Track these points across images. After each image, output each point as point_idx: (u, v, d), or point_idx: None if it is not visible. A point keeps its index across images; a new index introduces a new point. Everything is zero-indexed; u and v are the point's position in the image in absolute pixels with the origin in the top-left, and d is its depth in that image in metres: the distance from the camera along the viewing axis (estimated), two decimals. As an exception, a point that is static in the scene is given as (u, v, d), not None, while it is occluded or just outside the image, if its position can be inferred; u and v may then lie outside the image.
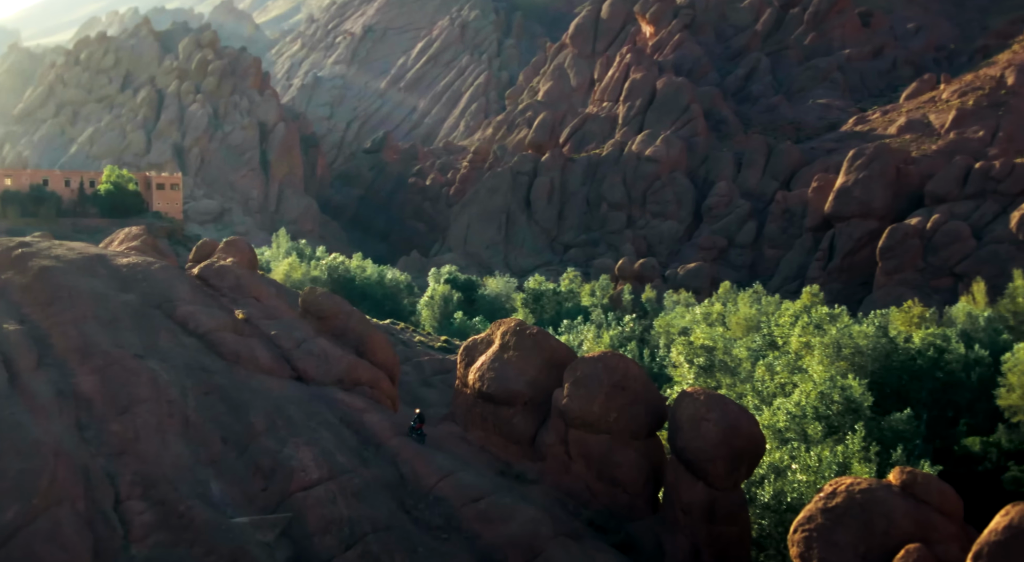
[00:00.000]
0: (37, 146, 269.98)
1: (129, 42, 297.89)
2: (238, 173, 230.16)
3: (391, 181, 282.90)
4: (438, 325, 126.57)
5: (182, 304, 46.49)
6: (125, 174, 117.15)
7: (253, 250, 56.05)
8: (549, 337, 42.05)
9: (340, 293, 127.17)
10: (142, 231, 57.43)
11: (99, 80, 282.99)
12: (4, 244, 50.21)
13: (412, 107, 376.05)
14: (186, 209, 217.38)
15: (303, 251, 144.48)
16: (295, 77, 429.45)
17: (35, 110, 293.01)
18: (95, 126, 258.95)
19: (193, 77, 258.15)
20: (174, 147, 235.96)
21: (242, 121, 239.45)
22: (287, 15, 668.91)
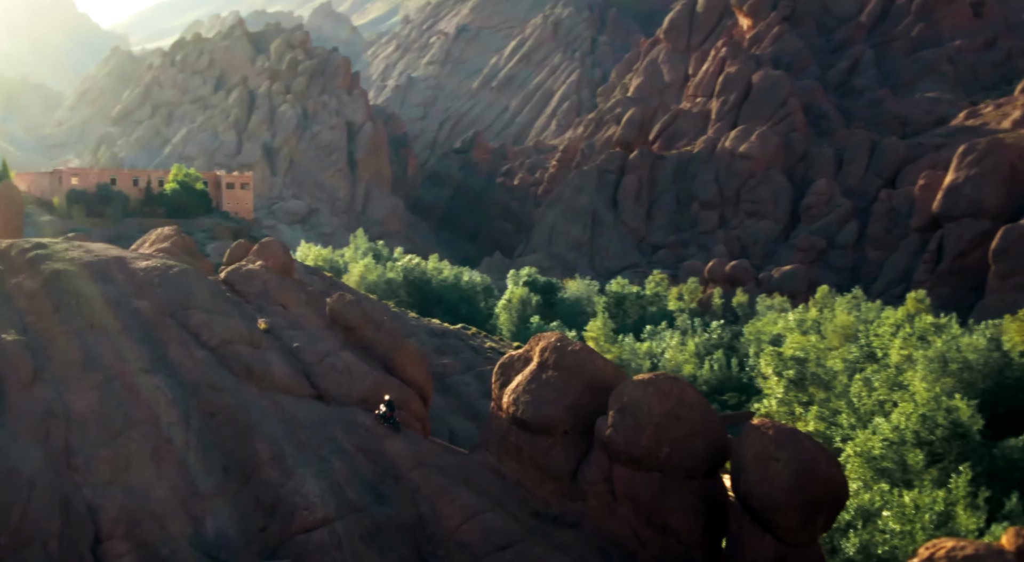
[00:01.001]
0: (133, 147, 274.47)
1: (223, 44, 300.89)
2: (326, 173, 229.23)
3: (480, 181, 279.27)
4: (515, 329, 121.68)
5: (197, 312, 42.36)
6: (192, 173, 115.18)
7: (288, 253, 51.76)
8: (594, 355, 36.46)
9: (416, 296, 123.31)
10: (174, 231, 53.69)
11: (193, 81, 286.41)
12: (20, 246, 46.88)
13: (504, 107, 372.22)
14: (274, 209, 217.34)
15: (380, 252, 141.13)
16: (389, 78, 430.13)
17: (132, 111, 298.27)
18: (189, 127, 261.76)
19: (284, 77, 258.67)
20: (264, 147, 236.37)
21: (330, 121, 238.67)
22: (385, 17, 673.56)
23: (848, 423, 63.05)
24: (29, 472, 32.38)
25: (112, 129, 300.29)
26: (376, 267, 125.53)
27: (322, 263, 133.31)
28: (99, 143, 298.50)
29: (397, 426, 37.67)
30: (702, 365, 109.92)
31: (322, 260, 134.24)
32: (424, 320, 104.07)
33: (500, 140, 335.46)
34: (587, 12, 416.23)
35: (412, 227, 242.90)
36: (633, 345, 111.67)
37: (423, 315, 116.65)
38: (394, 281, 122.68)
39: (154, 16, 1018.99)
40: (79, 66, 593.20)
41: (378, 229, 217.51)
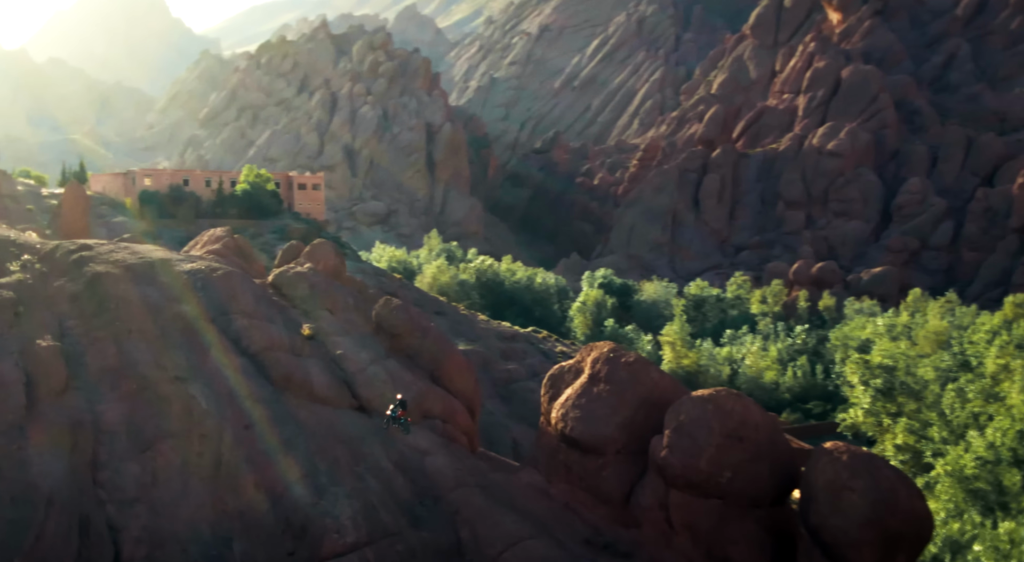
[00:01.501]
0: (219, 149, 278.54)
1: (307, 46, 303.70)
2: (405, 174, 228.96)
3: (560, 181, 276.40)
4: (590, 333, 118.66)
5: (239, 318, 40.55)
6: (263, 174, 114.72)
7: (339, 255, 49.79)
8: (650, 367, 33.55)
9: (488, 298, 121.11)
10: (225, 233, 52.18)
11: (278, 84, 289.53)
12: (64, 247, 45.72)
13: (585, 106, 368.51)
14: (354, 211, 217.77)
15: (454, 254, 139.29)
16: (471, 79, 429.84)
17: (218, 114, 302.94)
18: (272, 129, 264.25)
19: (365, 79, 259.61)
20: (345, 149, 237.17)
21: (410, 122, 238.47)
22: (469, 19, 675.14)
23: (940, 437, 58.90)
24: (49, 488, 30.91)
25: (199, 132, 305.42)
26: (449, 269, 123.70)
27: (396, 265, 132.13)
28: (186, 145, 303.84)
29: (407, 427, 35.38)
30: (785, 372, 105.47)
31: (396, 261, 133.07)
32: (494, 323, 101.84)
33: (581, 140, 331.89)
34: (672, 9, 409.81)
35: (491, 228, 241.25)
36: (712, 350, 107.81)
37: (496, 318, 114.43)
38: (467, 283, 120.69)
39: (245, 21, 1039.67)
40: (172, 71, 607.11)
41: (456, 230, 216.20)
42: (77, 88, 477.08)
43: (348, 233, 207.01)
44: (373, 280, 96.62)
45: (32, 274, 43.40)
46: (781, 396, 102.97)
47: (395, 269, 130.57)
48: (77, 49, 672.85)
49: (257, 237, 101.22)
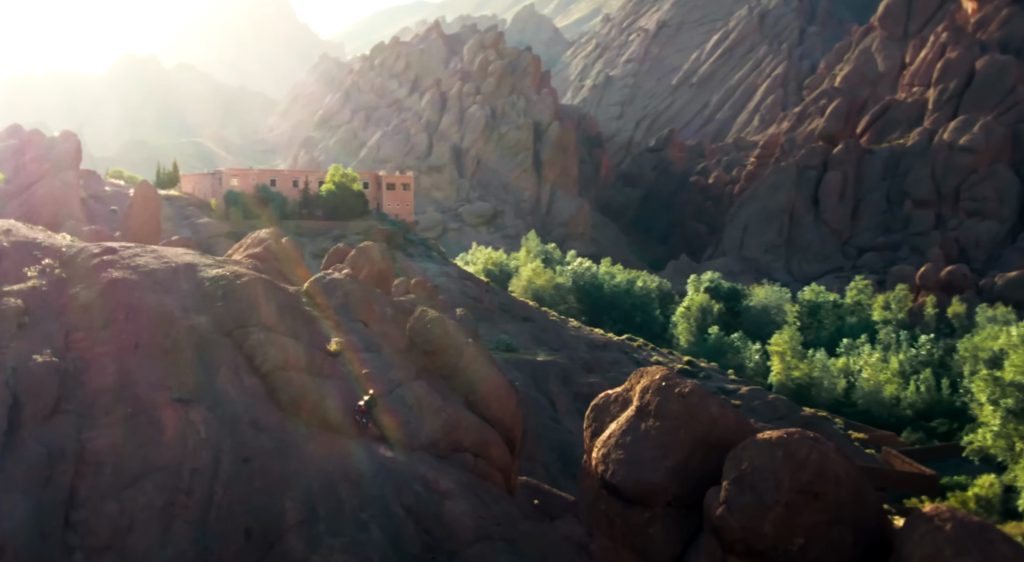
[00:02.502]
0: (332, 150, 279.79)
1: (419, 47, 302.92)
2: (511, 174, 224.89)
3: (674, 180, 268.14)
4: (693, 340, 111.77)
5: (256, 331, 36.26)
6: (349, 173, 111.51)
7: (386, 259, 45.19)
8: (709, 399, 27.73)
9: (586, 302, 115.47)
10: (269, 235, 48.10)
11: (390, 84, 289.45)
12: (88, 251, 42.30)
13: (703, 103, 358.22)
14: (460, 211, 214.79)
15: (552, 256, 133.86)
16: (587, 78, 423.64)
17: (333, 115, 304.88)
18: (384, 129, 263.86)
19: (475, 78, 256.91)
20: (453, 149, 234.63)
21: (517, 121, 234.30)
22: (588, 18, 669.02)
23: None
24: (2, 532, 26.96)
25: (314, 133, 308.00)
26: (544, 271, 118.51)
27: (492, 267, 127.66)
28: (301, 147, 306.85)
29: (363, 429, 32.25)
30: (906, 386, 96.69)
31: (492, 264, 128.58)
32: (586, 330, 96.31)
33: (699, 138, 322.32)
34: (796, 2, 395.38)
35: (600, 229, 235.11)
36: (825, 361, 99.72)
37: (593, 323, 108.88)
38: (563, 286, 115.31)
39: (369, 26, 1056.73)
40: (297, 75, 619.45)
41: (562, 231, 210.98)
42: (204, 92, 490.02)
43: (454, 234, 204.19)
44: (456, 284, 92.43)
45: (49, 280, 40.17)
46: (902, 412, 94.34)
47: (491, 272, 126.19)
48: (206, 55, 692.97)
49: (340, 239, 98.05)
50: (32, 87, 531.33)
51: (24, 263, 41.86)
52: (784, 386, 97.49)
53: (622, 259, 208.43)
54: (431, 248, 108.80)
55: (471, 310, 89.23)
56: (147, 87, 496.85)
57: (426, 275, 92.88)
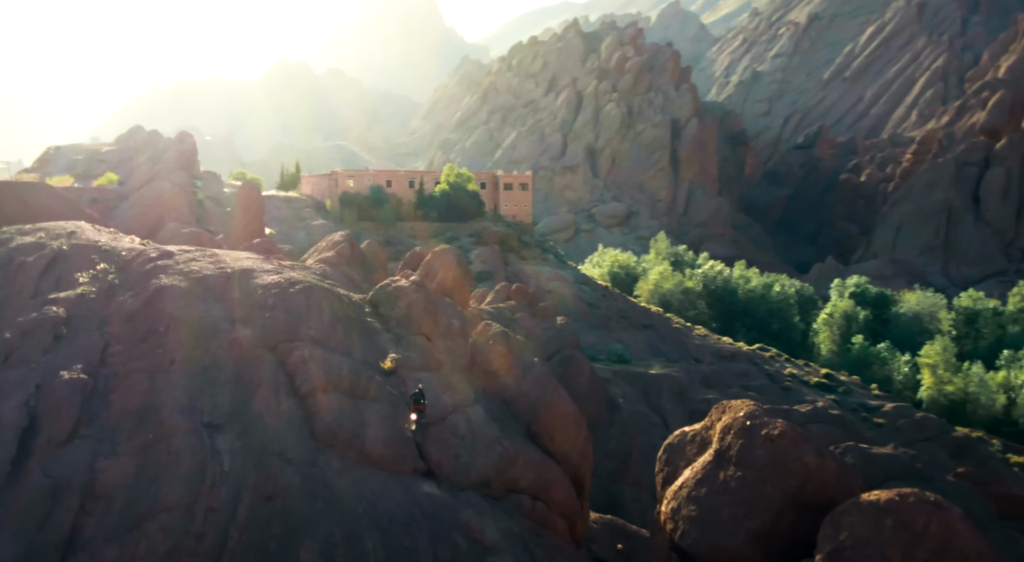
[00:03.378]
0: (468, 152, 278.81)
1: (556, 46, 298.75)
2: (647, 173, 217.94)
3: (823, 179, 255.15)
4: (836, 350, 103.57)
5: (303, 346, 32.69)
6: (464, 173, 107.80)
7: (463, 265, 41.06)
8: (803, 446, 22.34)
9: (717, 308, 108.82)
10: (344, 238, 44.64)
11: (527, 84, 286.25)
12: (145, 255, 39.70)
13: (857, 98, 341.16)
14: (593, 212, 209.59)
15: (682, 258, 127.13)
16: (733, 74, 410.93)
17: (470, 117, 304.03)
18: (519, 130, 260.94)
19: (611, 76, 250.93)
20: (587, 148, 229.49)
21: (654, 118, 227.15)
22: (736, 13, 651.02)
23: None
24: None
25: (451, 136, 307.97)
26: (673, 275, 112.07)
27: (618, 270, 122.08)
28: (438, 148, 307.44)
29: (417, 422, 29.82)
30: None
31: (618, 266, 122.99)
32: (712, 338, 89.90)
33: (851, 135, 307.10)
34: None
35: (742, 229, 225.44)
36: (983, 375, 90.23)
37: (725, 331, 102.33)
38: (692, 291, 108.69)
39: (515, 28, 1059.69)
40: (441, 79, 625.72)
41: (699, 232, 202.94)
42: (351, 97, 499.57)
43: (586, 235, 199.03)
44: (571, 289, 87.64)
45: (100, 287, 37.65)
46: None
47: (617, 275, 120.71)
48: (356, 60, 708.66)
49: (453, 241, 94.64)
50: (190, 93, 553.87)
51: (81, 267, 39.57)
52: (935, 402, 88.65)
53: (765, 261, 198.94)
54: (548, 250, 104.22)
55: (585, 317, 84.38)
56: (298, 92, 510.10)
57: (539, 279, 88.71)
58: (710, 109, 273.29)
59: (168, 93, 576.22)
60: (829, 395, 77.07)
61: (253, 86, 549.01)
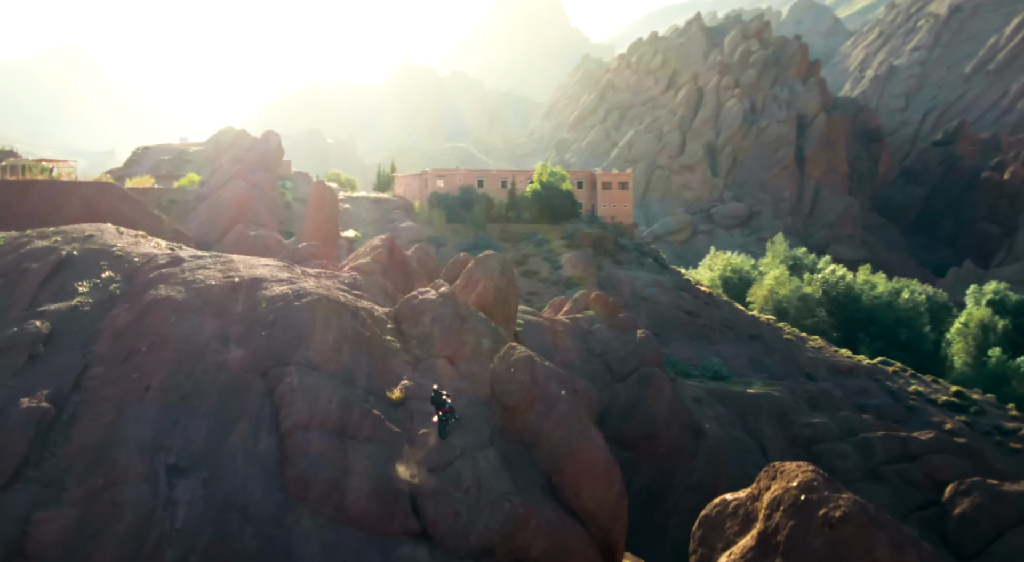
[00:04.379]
0: (583, 152, 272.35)
1: (678, 41, 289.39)
2: (770, 172, 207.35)
3: (964, 177, 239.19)
4: (971, 363, 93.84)
5: (296, 371, 27.88)
6: (557, 171, 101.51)
7: (508, 275, 35.64)
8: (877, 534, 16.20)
9: (839, 316, 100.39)
10: (383, 243, 39.77)
11: (646, 82, 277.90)
12: (156, 261, 35.62)
13: (1002, 92, 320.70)
14: (711, 213, 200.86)
15: (801, 261, 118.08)
16: (868, 69, 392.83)
17: (587, 116, 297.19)
18: (636, 128, 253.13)
19: (734, 71, 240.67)
20: (706, 147, 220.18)
21: (779, 114, 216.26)
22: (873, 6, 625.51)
23: None
24: None
25: (567, 136, 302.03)
26: (790, 280, 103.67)
27: (731, 274, 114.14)
28: (552, 149, 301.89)
29: (443, 429, 25.98)
30: None
31: (731, 270, 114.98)
32: (828, 350, 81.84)
33: (994, 131, 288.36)
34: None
35: (874, 231, 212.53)
36: None
37: (847, 343, 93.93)
38: (810, 297, 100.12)
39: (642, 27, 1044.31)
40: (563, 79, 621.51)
41: (826, 233, 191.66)
42: (472, 99, 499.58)
43: (704, 237, 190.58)
44: (669, 296, 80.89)
45: (98, 297, 33.63)
46: None
47: (729, 279, 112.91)
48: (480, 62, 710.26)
49: (543, 244, 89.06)
50: (319, 97, 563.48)
51: (87, 275, 35.74)
52: (1086, 427, 78.57)
53: (899, 264, 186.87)
54: (647, 254, 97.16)
55: (683, 327, 77.64)
56: (421, 95, 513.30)
57: (634, 286, 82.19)
58: (841, 105, 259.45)
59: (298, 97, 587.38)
60: (959, 416, 68.49)
61: (379, 89, 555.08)
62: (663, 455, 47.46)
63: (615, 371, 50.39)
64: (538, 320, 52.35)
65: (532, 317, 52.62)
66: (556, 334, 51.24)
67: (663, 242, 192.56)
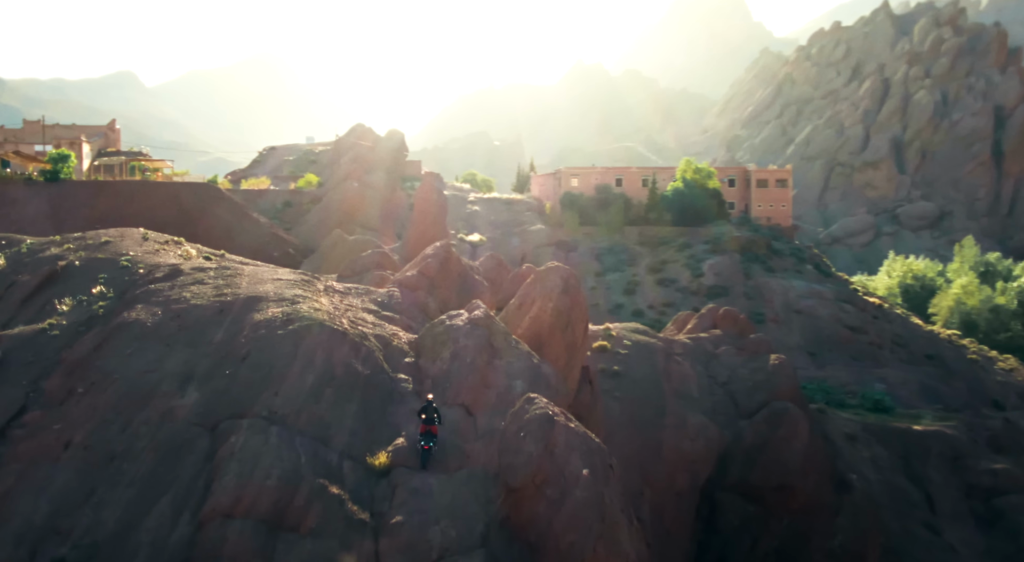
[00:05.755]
0: (756, 149, 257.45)
1: (863, 30, 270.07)
2: (963, 168, 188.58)
3: None
4: None
5: (250, 425, 21.16)
6: (703, 168, 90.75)
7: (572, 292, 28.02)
8: None
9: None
10: (435, 252, 32.76)
11: (826, 74, 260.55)
12: (146, 278, 29.62)
13: None
14: (897, 213, 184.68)
15: (994, 268, 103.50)
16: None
17: (762, 111, 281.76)
18: (814, 123, 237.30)
19: (924, 61, 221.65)
20: (892, 141, 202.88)
21: (974, 106, 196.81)
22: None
23: None
24: None
25: (740, 132, 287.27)
26: (980, 289, 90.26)
27: (912, 282, 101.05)
28: (723, 146, 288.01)
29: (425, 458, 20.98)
30: None
31: (912, 277, 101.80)
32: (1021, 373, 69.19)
33: None
34: None
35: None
36: None
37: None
38: (1003, 309, 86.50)
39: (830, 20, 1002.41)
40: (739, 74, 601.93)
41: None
42: (644, 97, 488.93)
43: (887, 239, 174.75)
44: (829, 309, 70.15)
45: (75, 319, 28.03)
46: None
47: (910, 288, 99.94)
48: (655, 61, 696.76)
49: (685, 249, 79.59)
50: (491, 100, 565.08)
51: (80, 289, 30.19)
52: None
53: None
54: (806, 259, 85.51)
55: (844, 346, 66.95)
56: (592, 95, 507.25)
57: (787, 296, 71.76)
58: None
59: (472, 101, 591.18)
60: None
61: (550, 91, 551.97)
62: (797, 511, 38.52)
63: (741, 404, 41.66)
64: (650, 341, 44.07)
65: (643, 337, 44.39)
66: (670, 358, 42.86)
67: (842, 245, 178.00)
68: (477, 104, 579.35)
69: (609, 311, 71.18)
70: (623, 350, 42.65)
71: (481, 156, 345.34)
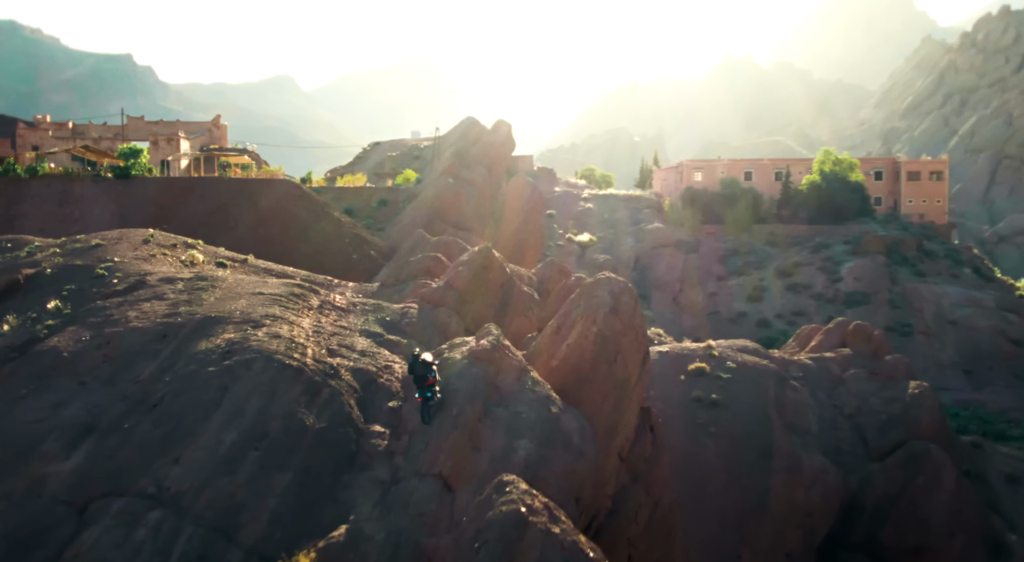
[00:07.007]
0: (915, 141, 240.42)
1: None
2: None
3: None
4: None
5: (116, 513, 15.15)
6: (844, 159, 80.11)
7: (625, 315, 21.24)
8: None
9: None
10: (469, 259, 26.32)
11: (993, 61, 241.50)
12: (111, 287, 24.26)
13: None
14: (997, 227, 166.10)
15: None
16: None
17: (922, 102, 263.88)
18: (980, 114, 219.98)
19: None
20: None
21: None
22: None
23: None
24: None
25: (898, 123, 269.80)
26: None
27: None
28: (879, 139, 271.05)
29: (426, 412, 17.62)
30: None
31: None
32: None
33: None
34: None
35: None
36: None
37: None
38: None
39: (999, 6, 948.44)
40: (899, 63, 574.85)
41: None
42: (797, 90, 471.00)
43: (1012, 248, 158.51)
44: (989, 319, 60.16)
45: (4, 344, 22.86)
46: None
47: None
48: (810, 52, 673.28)
49: (819, 250, 70.24)
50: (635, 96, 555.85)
51: (36, 304, 25.12)
52: None
53: None
54: (964, 262, 74.21)
55: (1006, 363, 57.18)
56: (740, 89, 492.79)
57: (939, 305, 62.01)
58: None
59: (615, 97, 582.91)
60: None
61: (696, 85, 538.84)
62: (939, 580, 30.63)
63: (871, 443, 33.82)
64: (760, 362, 36.53)
65: (752, 357, 36.87)
66: (784, 384, 35.26)
67: (1010, 244, 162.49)
68: (620, 100, 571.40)
69: (730, 320, 63.35)
70: (725, 373, 35.32)
71: (621, 152, 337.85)
